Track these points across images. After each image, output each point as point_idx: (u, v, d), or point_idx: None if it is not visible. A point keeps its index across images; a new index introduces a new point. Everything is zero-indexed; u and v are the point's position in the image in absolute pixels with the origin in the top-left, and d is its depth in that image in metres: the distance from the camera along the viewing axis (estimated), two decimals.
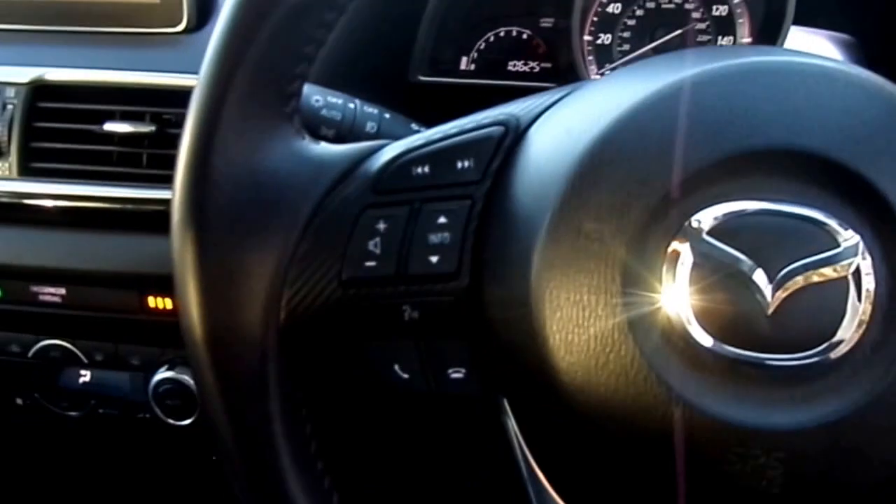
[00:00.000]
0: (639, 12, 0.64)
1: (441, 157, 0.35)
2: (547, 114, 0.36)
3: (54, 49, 0.61)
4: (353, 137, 0.48)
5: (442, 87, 0.65)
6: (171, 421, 0.63)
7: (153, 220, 0.58)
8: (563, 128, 0.34)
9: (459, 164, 0.34)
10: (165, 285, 0.40)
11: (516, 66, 0.67)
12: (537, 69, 0.67)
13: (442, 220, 0.34)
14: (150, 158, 0.59)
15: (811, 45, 0.65)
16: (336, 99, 0.48)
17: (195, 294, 0.33)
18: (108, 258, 0.60)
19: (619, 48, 0.65)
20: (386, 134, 0.49)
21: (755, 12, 0.63)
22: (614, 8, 0.65)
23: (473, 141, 0.35)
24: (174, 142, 0.57)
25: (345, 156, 0.36)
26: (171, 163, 0.57)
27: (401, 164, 0.35)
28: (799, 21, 0.63)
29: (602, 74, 0.65)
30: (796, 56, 0.33)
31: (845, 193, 0.30)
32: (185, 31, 0.62)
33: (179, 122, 0.57)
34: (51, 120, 0.59)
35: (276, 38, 0.33)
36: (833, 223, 0.29)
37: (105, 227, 0.60)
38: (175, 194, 0.34)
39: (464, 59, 0.67)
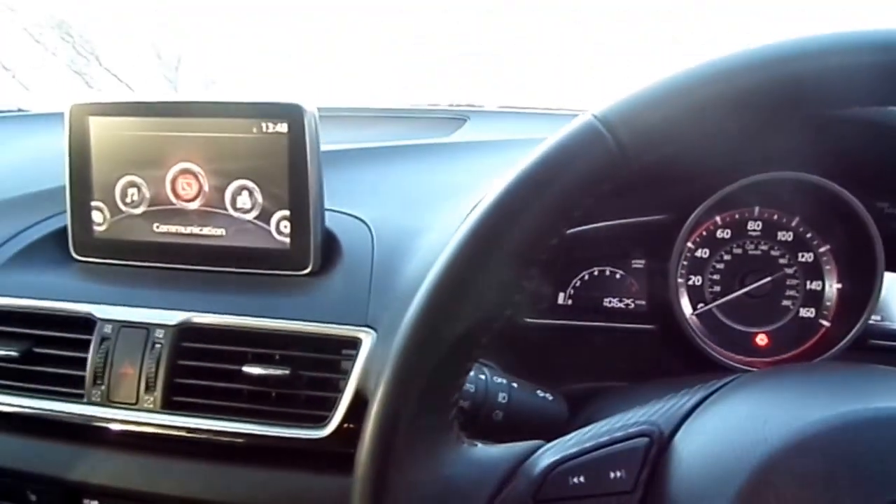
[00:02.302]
0: (727, 257, 0.69)
1: (594, 467, 0.37)
2: (689, 423, 0.38)
3: (195, 293, 0.69)
4: (487, 408, 0.53)
5: (541, 327, 0.70)
6: None
7: (282, 456, 0.63)
8: (710, 449, 0.36)
9: (612, 475, 0.37)
10: None
11: (611, 302, 0.72)
12: (632, 306, 0.72)
13: None
14: (279, 398, 0.64)
15: None
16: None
17: None
18: (241, 492, 0.64)
19: (710, 290, 0.69)
20: (516, 403, 0.53)
21: (841, 258, 0.67)
22: (702, 252, 0.69)
23: (622, 452, 0.37)
24: (302, 383, 0.64)
25: (503, 459, 0.39)
26: (297, 403, 0.64)
27: (558, 474, 0.37)
28: (891, 267, 0.67)
29: (696, 315, 0.69)
30: None
31: None
32: (310, 275, 0.69)
33: (307, 365, 0.64)
34: (194, 359, 0.66)
35: (442, 364, 0.37)
36: None
37: (238, 461, 0.65)
38: None
39: (561, 295, 0.73)
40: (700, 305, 0.69)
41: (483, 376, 0.53)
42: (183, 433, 0.65)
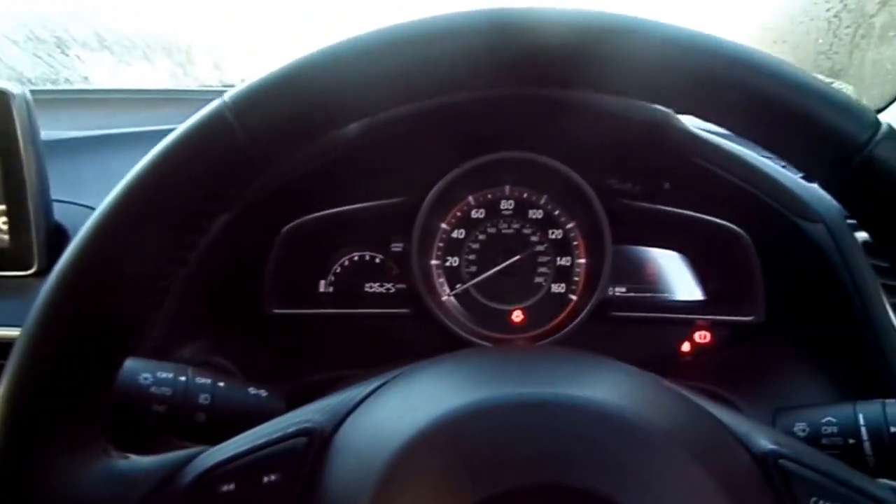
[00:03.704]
0: (482, 237, 0.70)
1: (247, 472, 0.35)
2: (352, 418, 0.37)
3: None
4: (186, 409, 0.49)
5: (300, 317, 0.67)
6: None
7: None
8: (360, 443, 0.35)
9: (265, 479, 0.35)
10: None
11: (372, 287, 0.70)
12: (393, 290, 0.70)
13: None
14: None
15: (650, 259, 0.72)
16: (166, 374, 0.49)
17: None
18: None
19: (466, 270, 0.70)
20: (221, 404, 0.50)
21: (587, 235, 0.69)
22: (458, 233, 0.69)
23: (278, 454, 0.35)
24: None
25: (152, 472, 0.36)
26: None
27: (206, 483, 0.35)
28: (632, 241, 0.70)
29: (454, 295, 0.69)
30: (575, 387, 0.34)
31: None
32: (36, 275, 0.62)
33: None
34: None
35: (68, 374, 0.33)
36: None
37: None
38: None
39: (321, 283, 0.70)
40: (458, 286, 0.69)
41: (184, 377, 0.49)
42: None
